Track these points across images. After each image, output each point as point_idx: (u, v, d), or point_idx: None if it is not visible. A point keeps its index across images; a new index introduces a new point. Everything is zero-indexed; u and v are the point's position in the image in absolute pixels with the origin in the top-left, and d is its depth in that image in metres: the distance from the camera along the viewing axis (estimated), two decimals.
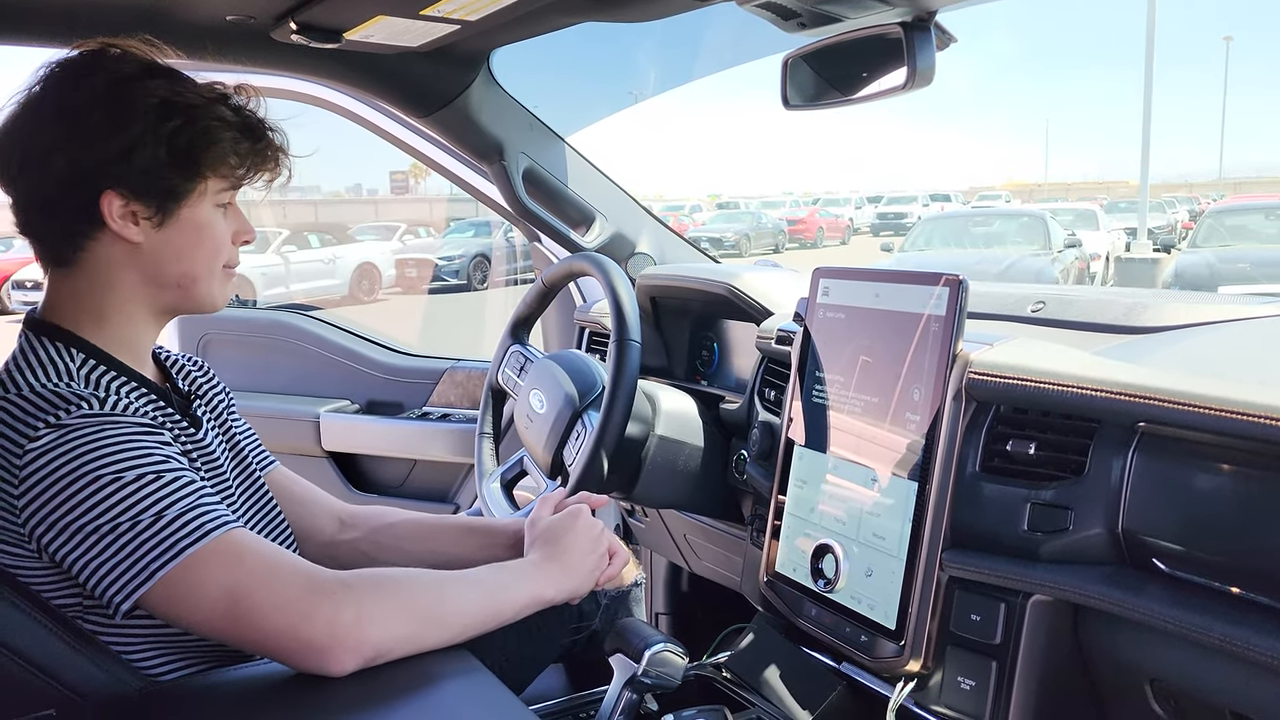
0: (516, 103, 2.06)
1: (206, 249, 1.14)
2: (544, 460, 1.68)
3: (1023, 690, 1.11)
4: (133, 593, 0.97)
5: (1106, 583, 1.03)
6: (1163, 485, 1.01)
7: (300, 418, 2.62)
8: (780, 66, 1.48)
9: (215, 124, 1.10)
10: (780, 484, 1.39)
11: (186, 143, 1.08)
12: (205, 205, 1.12)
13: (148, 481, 0.98)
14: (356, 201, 27.23)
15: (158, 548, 0.96)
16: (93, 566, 0.97)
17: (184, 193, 1.10)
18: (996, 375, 1.14)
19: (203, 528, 0.98)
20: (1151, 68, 19.37)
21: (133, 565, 0.96)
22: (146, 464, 0.99)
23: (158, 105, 1.07)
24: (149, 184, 1.07)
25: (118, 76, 1.08)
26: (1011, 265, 10.94)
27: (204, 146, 1.09)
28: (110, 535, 0.96)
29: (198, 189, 1.11)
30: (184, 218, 1.11)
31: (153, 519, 0.97)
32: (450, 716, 0.96)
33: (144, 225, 1.09)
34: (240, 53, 1.71)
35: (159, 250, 1.11)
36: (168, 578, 0.96)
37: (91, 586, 0.98)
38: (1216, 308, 1.37)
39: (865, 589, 1.24)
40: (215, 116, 1.10)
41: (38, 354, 1.07)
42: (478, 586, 1.11)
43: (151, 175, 1.07)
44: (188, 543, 0.97)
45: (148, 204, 1.08)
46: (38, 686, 1.01)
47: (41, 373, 1.05)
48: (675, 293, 1.93)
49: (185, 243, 1.12)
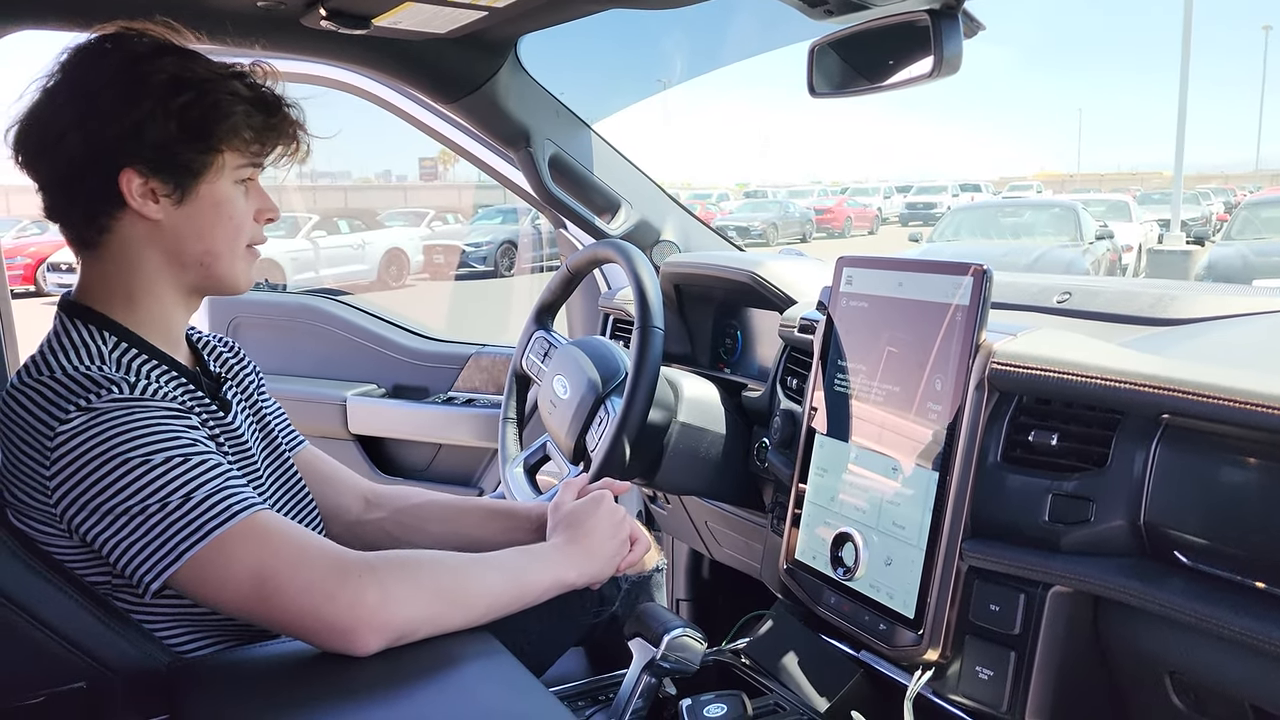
0: (543, 89, 2.06)
1: (227, 226, 1.14)
2: (567, 445, 1.69)
3: (1041, 681, 1.11)
4: (161, 573, 0.98)
5: (1127, 575, 1.02)
6: (1186, 478, 1.00)
7: (327, 401, 2.64)
8: (807, 53, 1.47)
9: (228, 98, 1.10)
10: (801, 472, 1.39)
11: (199, 116, 1.08)
12: (224, 181, 1.13)
13: (176, 464, 1.00)
14: (386, 187, 27.36)
15: (186, 529, 0.98)
16: (122, 547, 0.99)
17: (200, 168, 1.10)
18: (1020, 365, 1.13)
19: (230, 509, 1.00)
20: (1188, 57, 19.07)
21: (161, 546, 0.98)
22: (175, 447, 1.01)
23: (167, 81, 1.08)
24: (164, 159, 1.08)
25: (131, 55, 1.09)
26: (1041, 256, 10.81)
27: (216, 120, 1.10)
28: (140, 517, 0.98)
29: (214, 164, 1.11)
30: (203, 194, 1.11)
31: (181, 500, 0.99)
32: (471, 697, 0.97)
33: (164, 203, 1.10)
34: (270, 38, 1.72)
35: (180, 228, 1.11)
36: (196, 558, 0.98)
37: (121, 566, 1.00)
38: (1245, 300, 1.35)
39: (885, 577, 1.24)
40: (228, 91, 1.11)
41: (71, 336, 1.09)
42: (501, 569, 1.12)
43: (166, 150, 1.08)
44: (215, 524, 0.99)
45: (165, 180, 1.09)
46: (68, 660, 1.03)
47: (74, 355, 1.07)
48: (699, 280, 1.93)
49: (205, 220, 1.12)
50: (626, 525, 1.29)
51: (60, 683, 1.03)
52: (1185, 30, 19.12)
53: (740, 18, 2.03)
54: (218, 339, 1.34)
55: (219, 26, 1.60)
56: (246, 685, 1.01)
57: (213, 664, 1.07)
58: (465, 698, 0.97)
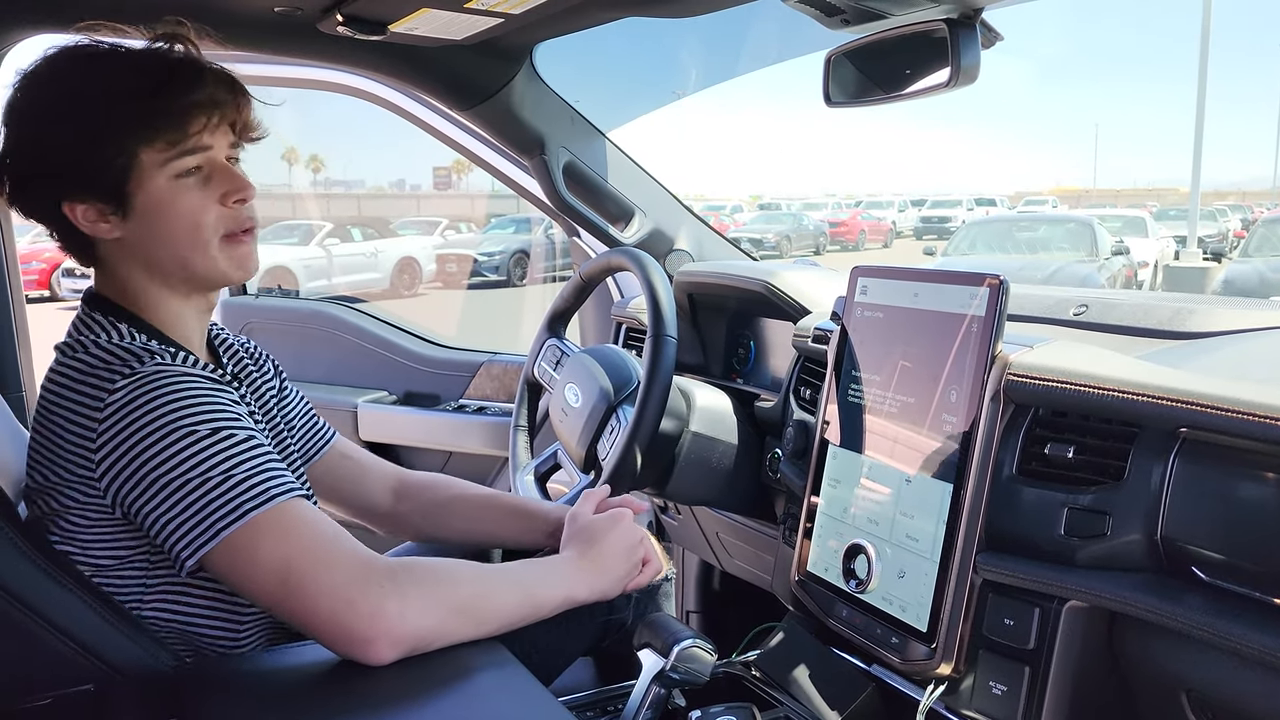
0: (558, 97, 2.06)
1: (180, 225, 1.08)
2: (578, 454, 1.68)
3: (1055, 697, 1.09)
4: (198, 550, 0.98)
5: (1144, 590, 1.01)
6: (1204, 492, 0.99)
7: (338, 407, 2.64)
8: (823, 63, 1.47)
9: (112, 97, 1.04)
10: (814, 483, 1.39)
11: (91, 129, 1.04)
12: (158, 182, 1.06)
13: (222, 438, 1.00)
14: (399, 196, 27.48)
15: (224, 507, 0.98)
16: (162, 520, 0.99)
17: (121, 177, 1.05)
18: (1036, 377, 1.12)
19: (268, 492, 1.00)
20: (1205, 73, 19.02)
21: (201, 522, 0.98)
22: (220, 419, 1.01)
23: (55, 99, 1.06)
24: (83, 182, 1.05)
25: (27, 82, 1.07)
26: (1056, 271, 10.77)
27: (108, 125, 1.04)
28: (180, 490, 0.98)
29: (134, 168, 1.05)
30: (141, 203, 1.06)
31: (221, 478, 0.98)
32: (480, 706, 0.97)
33: (114, 221, 1.07)
34: (286, 44, 1.73)
35: (140, 239, 1.08)
36: (230, 538, 0.98)
37: (161, 541, 1.00)
38: (1263, 314, 1.34)
39: (897, 590, 1.23)
40: (113, 90, 1.05)
41: (99, 321, 1.09)
42: (517, 584, 1.12)
43: (79, 172, 1.04)
44: (252, 505, 0.98)
45: (100, 199, 1.06)
46: (77, 662, 1.03)
47: (104, 335, 1.07)
48: (712, 290, 1.92)
49: (157, 225, 1.07)
50: (641, 548, 1.28)
51: (67, 685, 1.02)
52: (1203, 46, 19.08)
53: (756, 27, 2.03)
54: (241, 344, 1.33)
55: (235, 32, 1.61)
56: (254, 690, 1.01)
57: (221, 668, 1.07)
58: (476, 708, 0.97)
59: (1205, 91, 18.96)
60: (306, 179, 19.28)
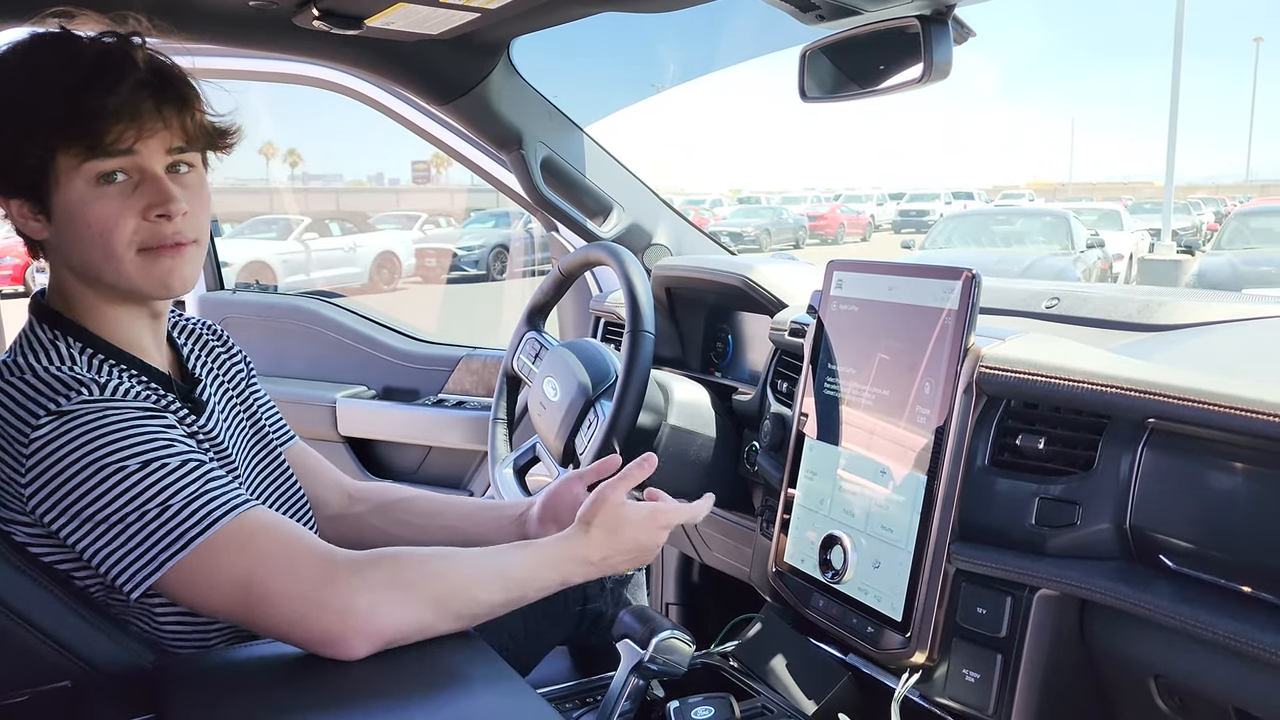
0: (536, 92, 2.06)
1: (90, 233, 1.03)
2: (556, 447, 1.69)
3: (1027, 683, 1.11)
4: (142, 582, 0.97)
5: (1113, 578, 1.03)
6: (1172, 482, 1.01)
7: (317, 403, 2.64)
8: (798, 58, 1.48)
9: (33, 96, 1.01)
10: (790, 476, 1.40)
11: (11, 127, 1.01)
12: (75, 186, 1.02)
13: (153, 469, 0.97)
14: (378, 190, 27.33)
15: (166, 538, 0.96)
16: (103, 554, 0.97)
17: (40, 179, 1.02)
18: (1008, 370, 1.14)
19: (211, 515, 0.98)
20: (1179, 68, 19.17)
21: (142, 555, 0.96)
22: (150, 450, 0.98)
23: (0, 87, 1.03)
24: (7, 176, 1.04)
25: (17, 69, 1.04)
26: (1033, 265, 10.85)
27: (25, 124, 1.00)
28: (118, 526, 0.96)
29: (52, 171, 1.02)
30: (59, 205, 1.03)
31: (158, 509, 0.96)
32: (460, 700, 0.97)
33: (41, 221, 1.05)
34: (262, 38, 1.72)
35: (60, 244, 1.06)
36: (178, 566, 0.96)
37: (103, 573, 0.99)
38: (1231, 306, 1.36)
39: (873, 581, 1.25)
40: (31, 86, 1.01)
41: (40, 338, 1.07)
42: (498, 572, 1.07)
43: (4, 166, 1.03)
44: (196, 531, 0.97)
45: (25, 200, 1.04)
46: (54, 659, 1.02)
47: (44, 356, 1.05)
48: (690, 284, 1.93)
49: (71, 231, 1.04)
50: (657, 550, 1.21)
51: (45, 681, 1.02)
52: (1176, 42, 19.23)
53: (733, 22, 2.04)
54: (207, 327, 1.31)
55: (210, 25, 1.60)
56: (233, 685, 1.01)
57: (199, 664, 1.07)
58: (454, 700, 0.97)
59: (1179, 85, 19.12)
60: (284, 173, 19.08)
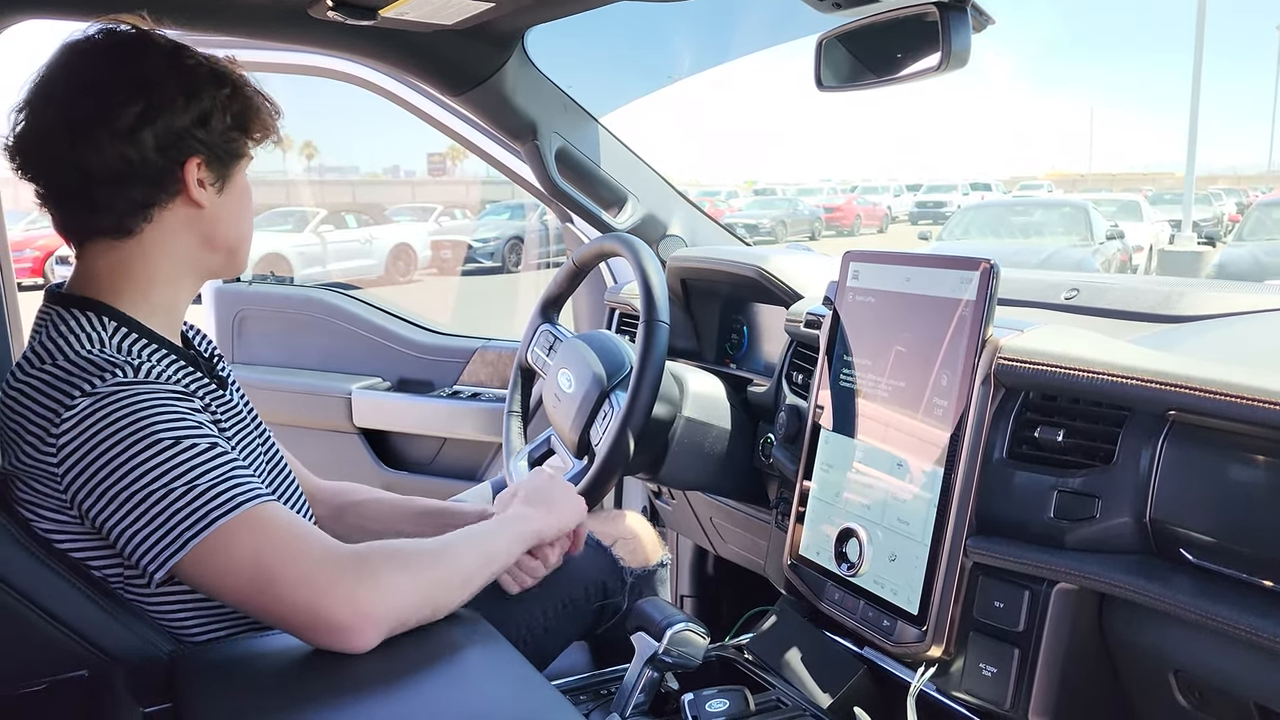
0: (550, 82, 2.05)
1: (250, 211, 1.22)
2: (571, 439, 1.69)
3: (1045, 678, 1.10)
4: (166, 561, 0.98)
5: (1133, 572, 1.02)
6: (1193, 475, 0.99)
7: (333, 394, 2.64)
8: (814, 47, 1.47)
9: (248, 90, 1.17)
10: (806, 468, 1.39)
11: (240, 108, 1.15)
12: (245, 170, 1.19)
13: (183, 449, 1.00)
14: (393, 183, 27.35)
15: (190, 517, 0.98)
16: (129, 534, 0.99)
17: (240, 157, 1.17)
18: (1026, 361, 1.12)
19: (235, 499, 1.00)
20: (1200, 57, 19.01)
21: (167, 534, 0.98)
22: (180, 431, 1.01)
23: (210, 74, 1.13)
24: (220, 150, 1.14)
25: (166, 48, 1.12)
26: (1051, 256, 10.77)
27: (251, 111, 1.16)
28: (145, 504, 0.98)
29: (246, 153, 1.18)
30: (236, 182, 1.18)
31: (185, 488, 0.98)
32: (473, 689, 0.97)
33: (210, 190, 1.15)
34: (278, 30, 1.72)
35: (219, 215, 1.16)
36: (199, 547, 0.98)
37: (128, 554, 1.00)
38: (1253, 297, 1.34)
39: (889, 574, 1.24)
40: (244, 83, 1.16)
41: (68, 324, 1.08)
42: (473, 544, 1.14)
43: (222, 140, 1.14)
44: (220, 513, 0.99)
45: (214, 169, 1.14)
46: (71, 648, 1.03)
47: (75, 341, 1.06)
48: (705, 275, 1.92)
49: (238, 206, 1.19)
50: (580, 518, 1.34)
51: (62, 671, 1.03)
52: (1198, 30, 19.05)
53: (749, 11, 2.03)
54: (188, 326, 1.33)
55: (227, 18, 1.60)
56: (249, 674, 1.01)
57: (215, 653, 1.07)
58: (467, 690, 0.97)
59: (1200, 75, 18.95)
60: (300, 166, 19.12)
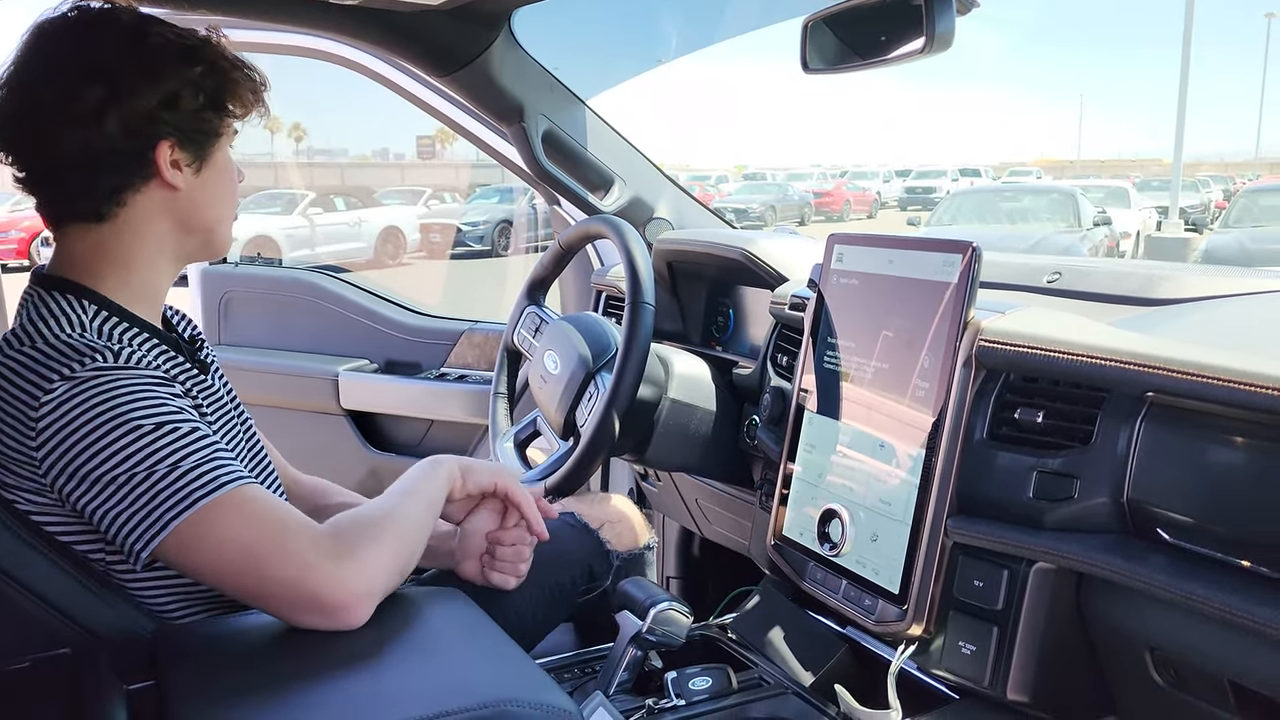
0: (537, 64, 2.05)
1: (231, 191, 1.19)
2: (556, 421, 1.69)
3: (1023, 656, 1.11)
4: (150, 541, 0.98)
5: (1110, 551, 1.03)
6: (1170, 455, 1.01)
7: (319, 376, 2.64)
8: (800, 29, 1.47)
9: (225, 64, 1.13)
10: (790, 449, 1.40)
11: (214, 85, 1.12)
12: (224, 147, 1.16)
13: (165, 432, 1.00)
14: (382, 165, 27.23)
15: (173, 497, 0.98)
16: (111, 515, 0.99)
17: (216, 136, 1.14)
18: (1006, 343, 1.13)
19: (216, 480, 1.00)
20: (1189, 44, 19.03)
21: (149, 514, 0.98)
22: (161, 414, 1.00)
23: (179, 51, 1.09)
24: (192, 130, 1.11)
25: (129, 27, 1.09)
26: (1039, 242, 10.79)
27: (226, 87, 1.13)
28: (127, 485, 0.98)
29: (225, 131, 1.15)
30: (214, 161, 1.15)
31: (168, 469, 0.98)
32: (454, 663, 0.98)
33: (185, 172, 1.12)
34: (260, 8, 1.71)
35: (196, 196, 1.14)
36: (182, 527, 0.98)
37: (111, 535, 1.00)
38: (1233, 281, 1.35)
39: (870, 553, 1.25)
40: (222, 57, 1.13)
41: (49, 306, 1.07)
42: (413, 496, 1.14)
43: (195, 120, 1.11)
44: (202, 494, 0.98)
45: (189, 150, 1.12)
46: (54, 626, 1.03)
47: (55, 324, 1.05)
48: (691, 258, 1.93)
49: (217, 186, 1.16)
50: None
51: (45, 648, 1.03)
52: (1187, 17, 19.07)
53: None
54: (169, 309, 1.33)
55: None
56: (231, 651, 1.01)
57: (198, 630, 1.08)
58: (450, 666, 0.98)
59: (1189, 62, 18.98)
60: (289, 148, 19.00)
